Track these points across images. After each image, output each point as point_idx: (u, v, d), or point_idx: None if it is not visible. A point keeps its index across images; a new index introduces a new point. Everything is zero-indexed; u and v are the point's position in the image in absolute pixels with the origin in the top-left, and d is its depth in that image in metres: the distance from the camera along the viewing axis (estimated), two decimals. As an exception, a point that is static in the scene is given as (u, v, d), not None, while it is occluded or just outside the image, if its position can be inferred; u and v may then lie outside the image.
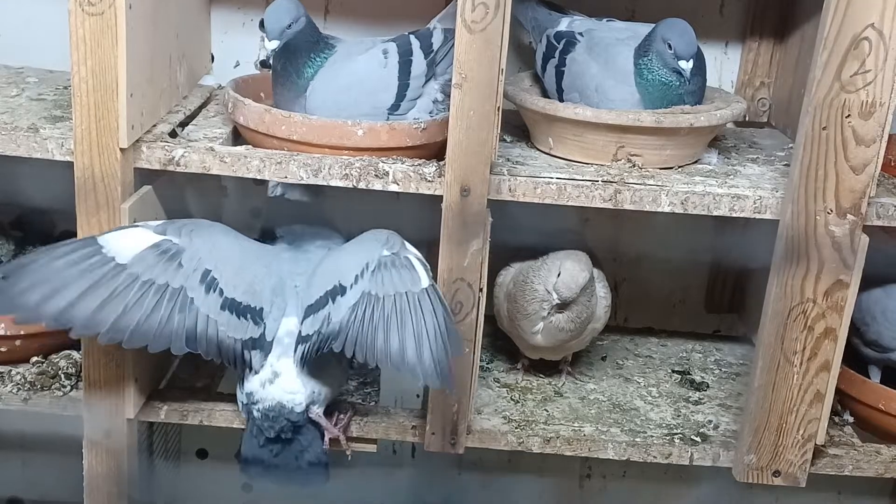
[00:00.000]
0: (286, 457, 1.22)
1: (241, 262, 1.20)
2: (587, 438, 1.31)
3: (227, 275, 1.16)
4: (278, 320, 1.19)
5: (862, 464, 1.32)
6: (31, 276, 1.09)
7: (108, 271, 1.11)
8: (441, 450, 1.28)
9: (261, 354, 1.18)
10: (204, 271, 1.15)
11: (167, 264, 1.13)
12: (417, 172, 1.19)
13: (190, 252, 1.15)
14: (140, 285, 1.11)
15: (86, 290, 1.09)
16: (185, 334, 1.14)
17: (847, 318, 1.22)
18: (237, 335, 1.17)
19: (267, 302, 1.19)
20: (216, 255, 1.17)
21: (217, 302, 1.15)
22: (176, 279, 1.14)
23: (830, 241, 1.18)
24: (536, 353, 1.43)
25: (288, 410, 1.19)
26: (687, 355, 1.57)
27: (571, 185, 1.20)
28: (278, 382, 1.19)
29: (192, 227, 1.18)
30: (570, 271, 1.30)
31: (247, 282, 1.18)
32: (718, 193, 1.21)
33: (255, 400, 1.19)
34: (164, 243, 1.14)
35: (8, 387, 1.30)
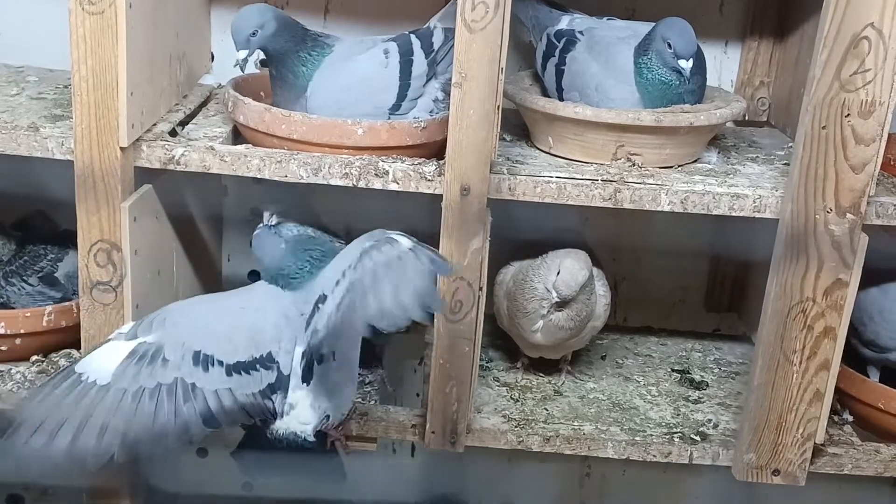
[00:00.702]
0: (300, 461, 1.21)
1: (230, 323, 1.17)
2: (587, 437, 1.31)
3: (219, 344, 1.14)
4: (291, 352, 1.17)
5: (861, 462, 1.32)
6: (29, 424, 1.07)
7: (94, 396, 1.08)
8: (441, 449, 1.28)
9: (281, 395, 1.17)
10: (194, 354, 1.12)
11: (150, 367, 1.10)
12: (417, 171, 1.19)
13: (170, 343, 1.12)
14: (132, 397, 1.09)
15: (82, 421, 1.07)
16: (201, 417, 1.11)
17: (846, 317, 1.22)
18: (254, 389, 1.14)
19: (273, 343, 1.16)
20: (199, 333, 1.14)
21: (221, 373, 1.13)
22: (166, 375, 1.11)
23: (830, 239, 1.18)
24: (536, 352, 1.43)
25: (302, 440, 1.18)
26: (686, 354, 1.57)
27: (571, 185, 1.20)
28: (293, 414, 1.17)
29: (164, 315, 1.15)
30: (570, 270, 1.30)
31: (244, 337, 1.16)
32: (718, 192, 1.21)
33: (270, 428, 1.18)
34: (138, 348, 1.11)
35: (8, 385, 1.30)
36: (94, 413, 1.08)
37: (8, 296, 1.41)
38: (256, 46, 1.24)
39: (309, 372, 1.16)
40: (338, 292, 1.10)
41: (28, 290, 1.41)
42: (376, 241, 1.11)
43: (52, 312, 1.34)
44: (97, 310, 1.21)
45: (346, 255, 1.14)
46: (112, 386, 1.09)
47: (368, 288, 1.07)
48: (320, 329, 1.12)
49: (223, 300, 1.23)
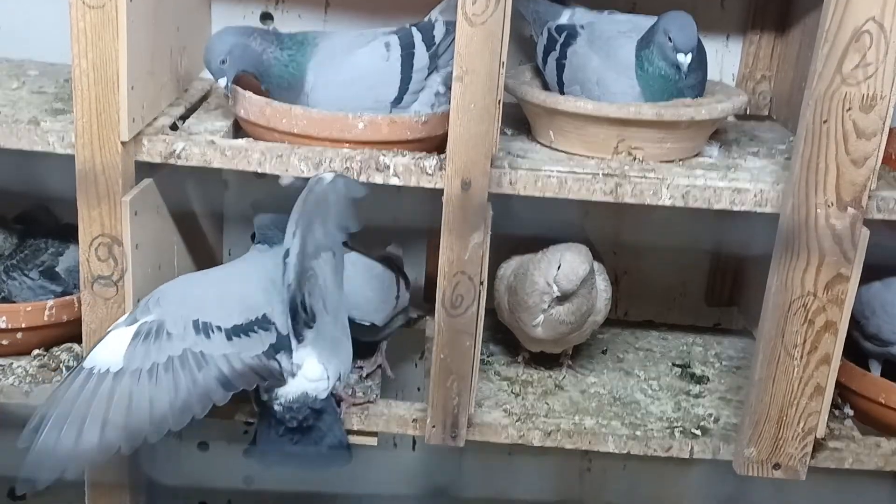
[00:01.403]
0: (307, 443, 1.22)
1: (220, 291, 1.20)
2: (588, 431, 1.31)
3: (214, 311, 1.15)
4: (284, 314, 1.19)
5: (862, 457, 1.32)
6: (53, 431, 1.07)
7: (112, 384, 1.09)
8: (442, 443, 1.28)
9: (286, 355, 1.18)
10: (193, 323, 1.13)
11: (157, 342, 1.11)
12: (418, 166, 1.19)
13: (170, 318, 1.13)
14: (148, 375, 1.10)
15: (105, 410, 1.08)
16: (219, 382, 1.12)
17: (847, 311, 1.22)
18: (258, 350, 1.16)
19: (265, 305, 1.18)
20: (194, 303, 1.16)
21: (222, 339, 1.14)
22: (174, 347, 1.12)
23: (831, 234, 1.18)
24: (537, 346, 1.43)
25: (312, 399, 1.19)
26: (687, 349, 1.57)
27: (572, 179, 1.20)
28: (301, 374, 1.19)
29: (157, 296, 1.16)
30: (571, 264, 1.30)
31: (236, 302, 1.18)
32: (719, 187, 1.21)
33: (276, 396, 1.19)
34: (141, 328, 1.12)
35: (10, 380, 1.30)
36: (115, 400, 1.08)
37: (9, 290, 1.41)
38: (234, 72, 1.24)
39: (298, 328, 1.17)
40: (296, 243, 1.13)
41: (29, 284, 1.41)
42: (310, 186, 1.15)
43: (53, 307, 1.35)
44: (98, 304, 1.22)
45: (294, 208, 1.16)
46: (126, 370, 1.09)
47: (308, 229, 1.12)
48: (291, 281, 1.14)
49: (211, 273, 1.26)
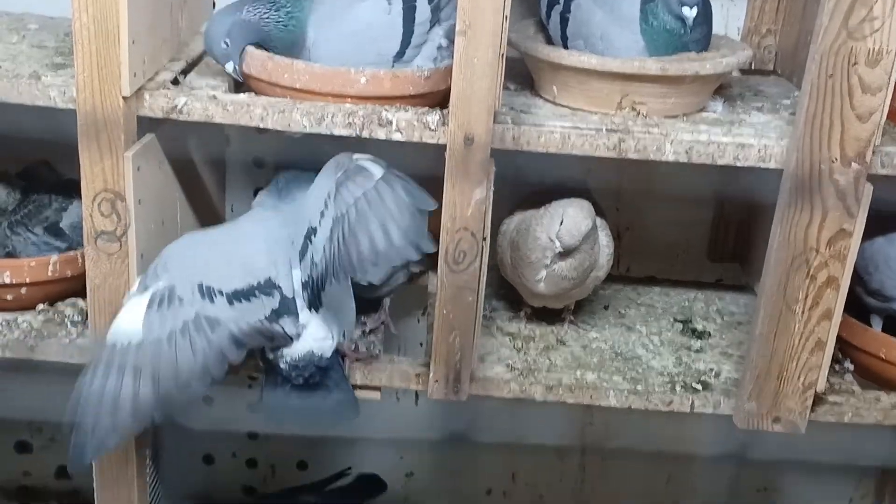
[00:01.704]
0: (313, 399, 1.23)
1: (223, 253, 1.20)
2: (589, 386, 1.32)
3: (216, 275, 1.16)
4: (289, 276, 1.19)
5: (861, 411, 1.33)
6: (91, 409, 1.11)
7: (136, 356, 1.11)
8: (444, 398, 1.29)
9: (292, 318, 1.19)
10: (198, 287, 1.15)
11: (171, 309, 1.13)
12: (421, 121, 1.18)
13: (179, 283, 1.14)
14: (167, 341, 1.12)
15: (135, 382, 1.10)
16: (231, 342, 1.14)
17: (850, 267, 1.22)
18: (259, 315, 1.17)
19: (270, 268, 1.19)
20: (199, 266, 1.17)
21: (224, 302, 1.15)
22: (187, 312, 1.13)
23: (835, 189, 1.18)
24: (539, 302, 1.44)
25: (318, 358, 1.20)
26: (689, 304, 1.58)
27: (575, 134, 1.20)
28: (306, 333, 1.19)
29: (164, 260, 1.17)
30: (573, 219, 1.30)
31: (238, 266, 1.18)
32: (723, 142, 1.21)
33: (282, 354, 1.20)
34: (154, 296, 1.13)
35: (15, 334, 1.31)
36: (142, 370, 1.11)
37: (13, 245, 1.42)
38: (238, 51, 1.22)
39: (316, 300, 1.18)
40: (325, 225, 1.13)
41: (33, 239, 1.41)
42: (346, 170, 1.14)
43: (57, 262, 1.35)
44: (102, 259, 1.22)
45: (322, 185, 1.16)
46: (146, 339, 1.11)
47: (356, 225, 1.11)
48: (318, 262, 1.14)
49: (216, 233, 1.26)
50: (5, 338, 1.30)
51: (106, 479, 1.33)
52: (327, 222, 1.13)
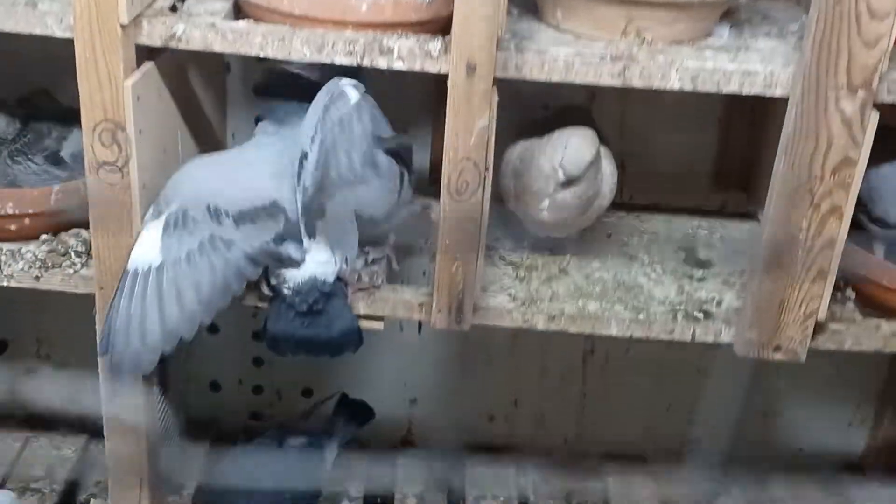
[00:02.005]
0: (317, 328, 1.25)
1: (228, 176, 1.22)
2: (591, 316, 1.33)
3: (222, 196, 1.18)
4: (293, 200, 1.19)
5: (862, 339, 1.34)
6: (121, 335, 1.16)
7: (158, 278, 1.15)
8: (447, 327, 1.30)
9: (296, 244, 1.20)
10: (206, 207, 1.17)
11: (186, 229, 1.16)
12: (422, 49, 1.16)
13: (190, 204, 1.17)
14: (186, 261, 1.15)
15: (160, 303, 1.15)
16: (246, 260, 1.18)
17: (854, 195, 1.21)
18: (264, 238, 1.19)
19: (275, 191, 1.20)
20: (206, 188, 1.19)
21: (231, 224, 1.17)
22: (202, 231, 1.16)
23: (840, 117, 1.17)
24: (542, 231, 1.43)
25: (321, 283, 1.22)
26: (692, 232, 1.58)
27: (579, 62, 1.18)
28: (308, 258, 1.21)
29: (173, 185, 1.20)
30: (577, 148, 1.29)
31: (243, 187, 1.20)
32: (729, 70, 1.19)
33: (285, 279, 1.21)
34: (168, 219, 1.16)
35: (19, 264, 1.32)
36: (164, 292, 1.15)
37: (15, 174, 1.41)
38: None
39: (312, 227, 1.19)
40: (314, 150, 1.14)
41: (34, 168, 1.41)
42: (332, 96, 1.16)
43: (59, 191, 1.35)
44: (104, 190, 1.21)
45: (313, 111, 1.17)
46: (166, 262, 1.15)
47: (331, 149, 1.13)
48: (308, 186, 1.15)
49: (220, 158, 1.28)
50: (10, 268, 1.31)
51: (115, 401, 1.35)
52: (316, 146, 1.14)
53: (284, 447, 1.52)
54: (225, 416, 1.85)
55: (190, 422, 1.80)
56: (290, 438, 1.55)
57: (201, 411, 1.83)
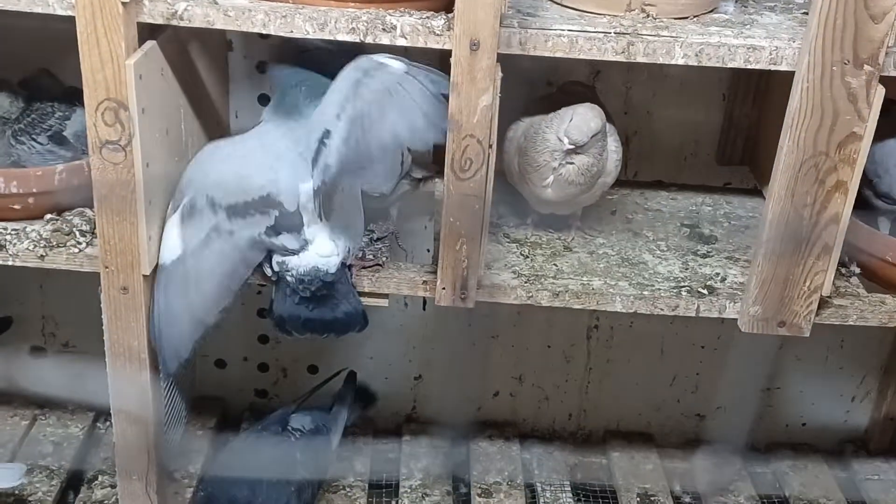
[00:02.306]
0: (322, 310, 1.25)
1: (227, 169, 1.24)
2: (595, 292, 1.33)
3: (219, 189, 1.21)
4: (294, 190, 1.19)
5: (866, 314, 1.34)
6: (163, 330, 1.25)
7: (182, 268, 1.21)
8: (451, 304, 1.30)
9: (293, 234, 1.20)
10: (207, 198, 1.21)
11: (198, 218, 1.20)
12: (426, 26, 1.16)
13: (198, 195, 1.21)
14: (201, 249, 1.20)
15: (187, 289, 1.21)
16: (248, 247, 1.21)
17: (859, 171, 1.21)
18: (254, 232, 1.21)
19: (270, 185, 1.22)
20: (209, 179, 1.22)
21: (224, 216, 1.21)
22: (210, 219, 1.20)
23: (846, 92, 1.16)
24: (547, 208, 1.43)
25: (323, 273, 1.22)
26: (697, 208, 1.57)
27: (583, 38, 1.18)
28: (311, 248, 1.21)
29: (187, 177, 1.24)
30: (583, 116, 1.29)
31: (237, 181, 1.22)
32: (734, 45, 1.18)
33: (288, 268, 1.22)
34: (183, 211, 1.21)
35: (24, 244, 1.32)
36: (189, 279, 1.21)
37: (18, 154, 1.41)
38: None
39: (328, 204, 1.20)
40: (342, 127, 1.15)
41: (38, 148, 1.40)
42: (366, 70, 1.15)
43: (63, 171, 1.35)
44: (108, 169, 1.21)
45: (339, 88, 1.17)
46: (187, 251, 1.21)
47: (376, 119, 1.13)
48: (332, 164, 1.16)
49: (226, 148, 1.29)
50: (15, 247, 1.31)
51: (121, 385, 1.35)
52: (344, 124, 1.15)
53: (288, 430, 1.52)
54: (231, 394, 1.86)
55: (196, 399, 1.82)
56: (293, 420, 1.55)
57: (207, 389, 1.84)
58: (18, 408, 1.79)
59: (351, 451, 1.77)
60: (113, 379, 1.35)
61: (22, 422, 1.76)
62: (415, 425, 1.87)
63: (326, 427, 1.55)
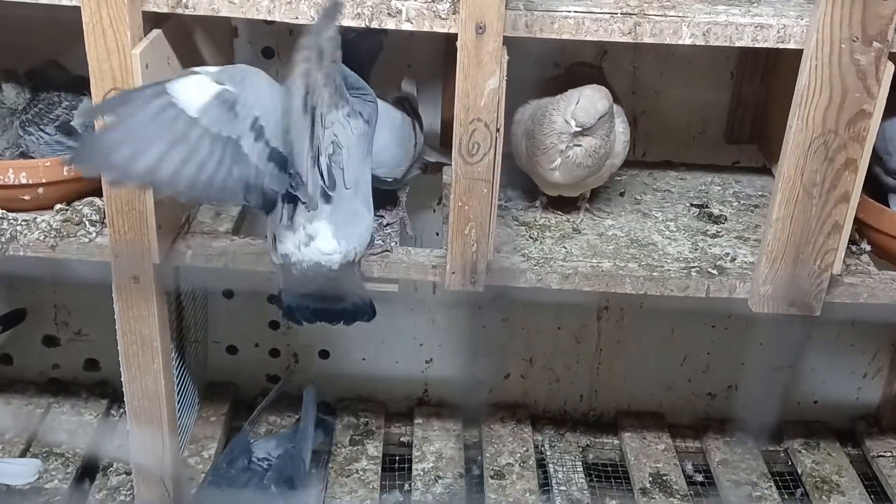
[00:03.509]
0: (329, 302, 1.24)
1: (281, 111, 1.15)
2: (605, 274, 1.33)
3: (271, 123, 1.13)
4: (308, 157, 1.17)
5: (877, 291, 1.34)
6: (116, 132, 1.06)
7: (183, 126, 1.07)
8: (461, 288, 1.30)
9: (290, 207, 1.18)
10: (253, 119, 1.11)
11: (228, 114, 1.10)
12: (431, 10, 1.15)
13: (242, 100, 1.11)
14: (211, 140, 1.08)
15: (168, 148, 1.07)
16: (244, 186, 1.12)
17: (868, 148, 1.20)
18: (278, 188, 1.15)
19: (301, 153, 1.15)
20: (263, 102, 1.13)
21: (264, 152, 1.12)
22: (235, 129, 1.10)
23: (855, 69, 1.15)
24: (555, 191, 1.43)
25: (326, 269, 1.20)
26: (706, 188, 1.57)
27: (590, 19, 1.17)
28: (314, 245, 1.19)
29: (243, 74, 1.13)
30: (590, 98, 1.29)
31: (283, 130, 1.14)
32: (741, 23, 1.18)
33: (293, 261, 1.20)
34: (223, 93, 1.10)
35: (35, 234, 1.32)
36: (179, 145, 1.07)
37: (27, 145, 1.42)
38: None
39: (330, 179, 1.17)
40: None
41: (46, 139, 1.41)
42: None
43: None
44: (116, 159, 1.21)
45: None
46: (199, 122, 1.08)
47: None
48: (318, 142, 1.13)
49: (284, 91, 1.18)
50: (26, 238, 1.32)
51: (133, 370, 1.36)
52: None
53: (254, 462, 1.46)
54: (243, 380, 1.87)
55: (208, 386, 1.83)
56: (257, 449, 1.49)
57: (219, 375, 1.85)
58: (33, 396, 1.80)
59: (363, 434, 1.78)
60: (126, 367, 1.36)
61: (37, 410, 1.77)
62: (427, 408, 1.87)
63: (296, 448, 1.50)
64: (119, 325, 1.33)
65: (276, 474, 1.44)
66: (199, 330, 1.75)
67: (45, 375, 1.85)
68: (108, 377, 1.82)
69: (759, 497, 1.69)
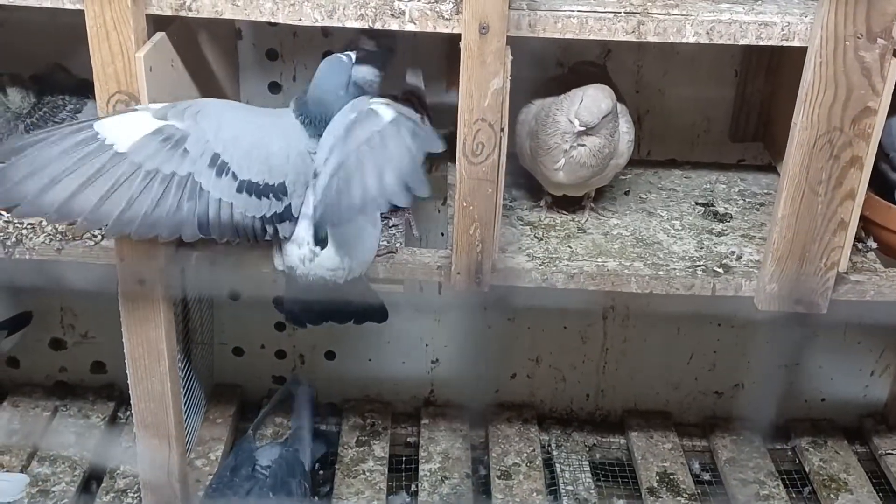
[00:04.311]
0: (337, 307, 1.24)
1: (253, 139, 1.14)
2: (610, 273, 1.32)
3: (237, 156, 1.11)
4: (303, 195, 1.17)
5: (884, 289, 1.33)
6: (28, 164, 1.04)
7: (107, 160, 1.06)
8: (466, 289, 1.30)
9: (289, 224, 1.17)
10: (213, 155, 1.10)
11: (171, 151, 1.08)
12: (434, 10, 1.15)
13: (196, 136, 1.09)
14: (144, 175, 1.06)
15: (86, 181, 1.05)
16: (197, 221, 1.10)
17: (874, 145, 1.20)
18: (257, 213, 1.13)
19: (288, 174, 1.15)
20: (224, 136, 1.11)
21: (231, 185, 1.11)
22: (183, 166, 1.08)
23: (860, 66, 1.15)
24: (559, 190, 1.43)
25: (332, 283, 1.20)
26: (711, 186, 1.57)
27: (593, 18, 1.17)
28: (318, 261, 1.18)
29: (198, 108, 1.12)
30: (593, 97, 1.29)
31: (261, 159, 1.14)
32: (745, 21, 1.17)
33: (298, 274, 1.20)
34: (166, 129, 1.08)
35: (41, 237, 1.33)
36: (101, 178, 1.05)
37: (31, 149, 1.42)
38: None
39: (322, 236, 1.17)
40: (326, 172, 1.09)
41: (51, 142, 1.41)
42: (359, 113, 1.09)
43: (76, 165, 1.35)
44: (121, 161, 1.21)
45: (336, 124, 1.12)
46: (128, 157, 1.06)
47: (353, 171, 1.05)
48: (318, 207, 1.11)
49: (254, 115, 1.20)
50: (31, 241, 1.32)
51: (140, 373, 1.36)
52: (329, 169, 1.08)
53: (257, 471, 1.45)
54: (249, 382, 1.87)
55: (215, 388, 1.83)
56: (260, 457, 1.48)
57: (226, 377, 1.85)
58: (40, 399, 1.81)
59: (370, 435, 1.78)
60: (132, 370, 1.36)
61: (44, 413, 1.78)
62: (433, 409, 1.87)
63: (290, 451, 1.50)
64: (125, 328, 1.33)
65: (273, 481, 1.43)
66: (206, 332, 1.75)
67: (51, 378, 1.86)
68: (115, 380, 1.82)
69: (766, 496, 1.69)
